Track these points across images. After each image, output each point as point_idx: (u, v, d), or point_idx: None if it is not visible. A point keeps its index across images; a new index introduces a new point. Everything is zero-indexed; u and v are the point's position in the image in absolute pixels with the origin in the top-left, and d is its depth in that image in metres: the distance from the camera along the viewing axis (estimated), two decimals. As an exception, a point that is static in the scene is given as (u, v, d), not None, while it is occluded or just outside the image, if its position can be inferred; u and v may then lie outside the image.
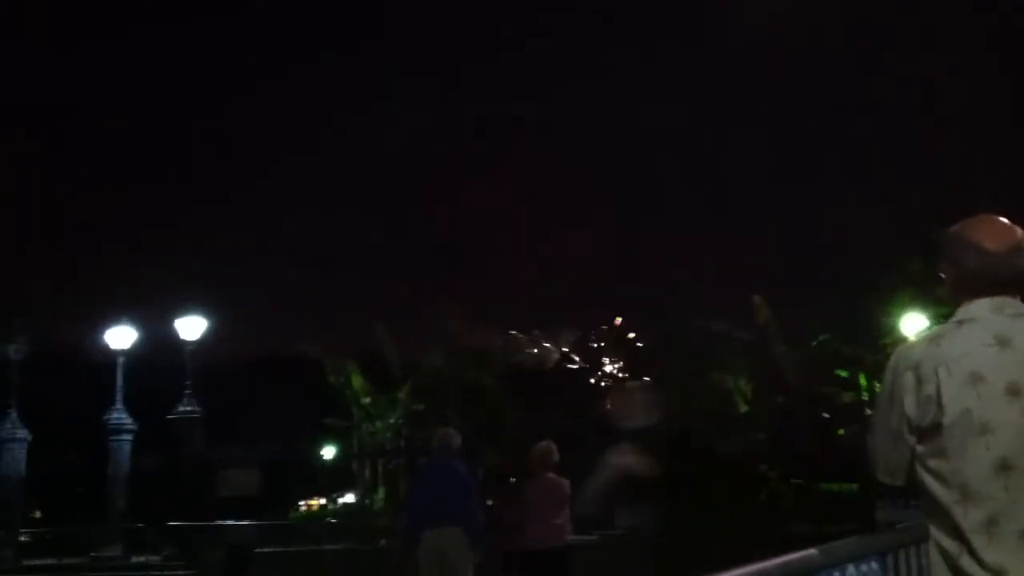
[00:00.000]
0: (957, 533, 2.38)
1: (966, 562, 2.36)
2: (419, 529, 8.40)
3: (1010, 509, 2.34)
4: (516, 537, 8.61)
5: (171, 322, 25.44)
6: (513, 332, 29.00)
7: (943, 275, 2.64)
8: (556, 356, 31.83)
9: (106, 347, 24.90)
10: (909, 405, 2.46)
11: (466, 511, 8.30)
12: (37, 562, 22.73)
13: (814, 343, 26.69)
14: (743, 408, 27.07)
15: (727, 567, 2.14)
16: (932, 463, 2.45)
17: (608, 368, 43.29)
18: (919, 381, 2.45)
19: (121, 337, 24.87)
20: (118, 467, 24.34)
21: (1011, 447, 2.36)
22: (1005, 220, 2.60)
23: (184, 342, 25.13)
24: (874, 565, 2.12)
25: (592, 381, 27.59)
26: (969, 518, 2.36)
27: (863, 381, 25.57)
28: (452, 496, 8.33)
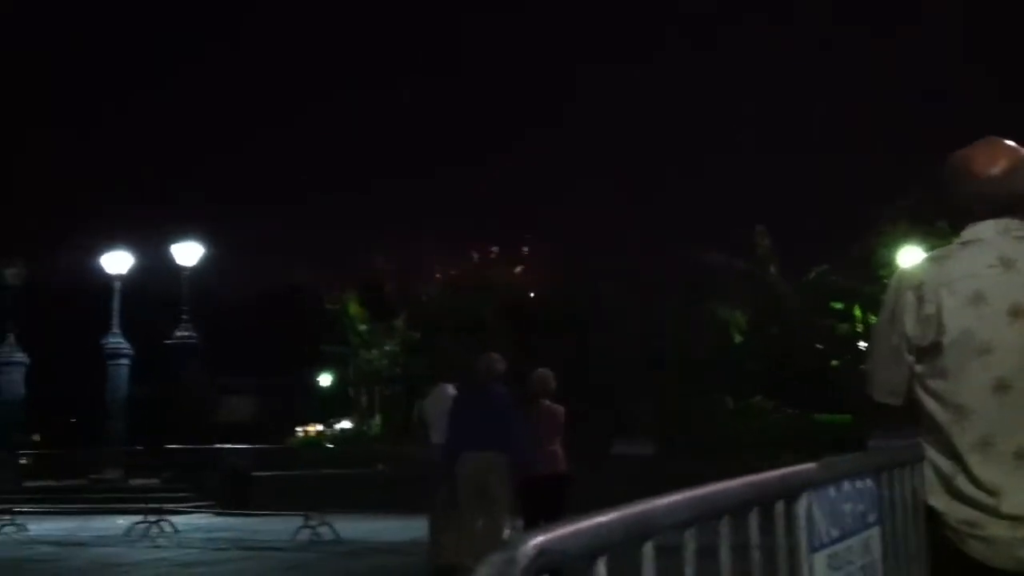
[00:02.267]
0: (952, 452, 2.39)
1: (961, 481, 2.37)
2: (458, 452, 8.46)
3: (1006, 428, 2.35)
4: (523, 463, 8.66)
5: (168, 249, 25.43)
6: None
7: (946, 195, 2.62)
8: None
9: (103, 272, 24.93)
10: (910, 324, 2.46)
11: (509, 436, 8.34)
12: (37, 483, 23.01)
13: (811, 275, 26.74)
14: (738, 339, 27.20)
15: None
16: (931, 382, 2.45)
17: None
18: (921, 300, 2.44)
19: (118, 262, 24.89)
20: (116, 391, 24.53)
21: (1010, 368, 2.36)
22: (1006, 142, 2.57)
23: (181, 268, 25.15)
24: (869, 482, 2.13)
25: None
26: (965, 437, 2.38)
27: (858, 313, 25.67)
28: (495, 421, 8.38)
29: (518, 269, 28.43)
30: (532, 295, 28.01)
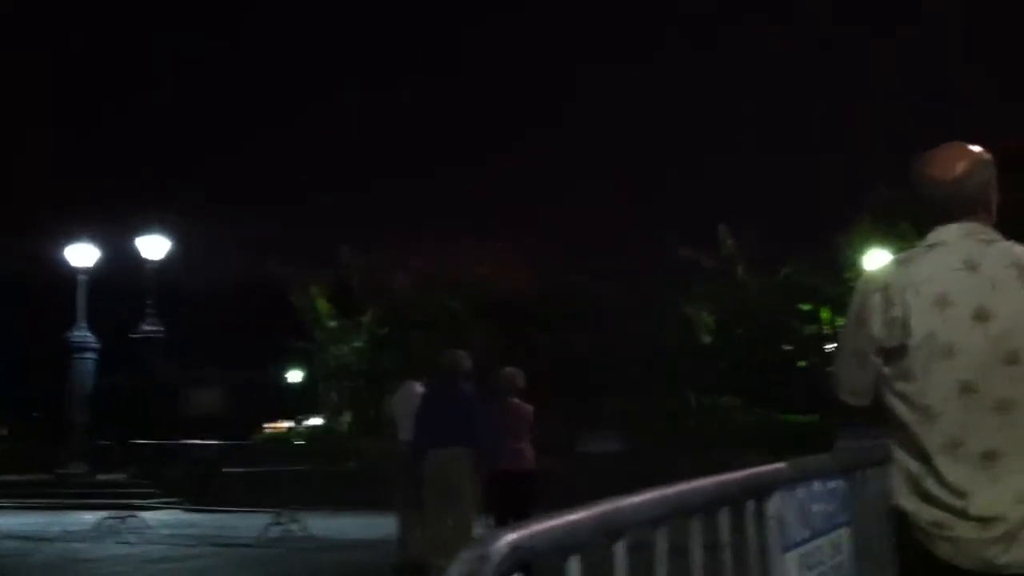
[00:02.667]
0: (920, 454, 2.42)
1: (929, 482, 2.40)
2: (426, 448, 8.48)
3: (972, 430, 2.38)
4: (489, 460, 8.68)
5: (133, 241, 25.20)
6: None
7: (917, 199, 2.65)
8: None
9: (67, 264, 24.65)
10: (876, 326, 2.49)
11: (474, 433, 8.36)
12: (2, 478, 22.73)
13: (779, 275, 26.90)
14: (706, 339, 27.31)
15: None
16: (897, 385, 2.48)
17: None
18: (887, 303, 2.47)
19: (83, 255, 24.62)
20: (81, 385, 24.29)
21: (974, 370, 2.39)
22: (966, 146, 2.60)
23: (146, 261, 24.93)
24: (839, 482, 2.16)
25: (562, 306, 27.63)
26: (932, 439, 2.41)
27: (825, 314, 25.85)
28: (461, 418, 8.39)
29: (487, 264, 28.38)
30: (503, 290, 27.95)
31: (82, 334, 24.26)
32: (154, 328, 24.90)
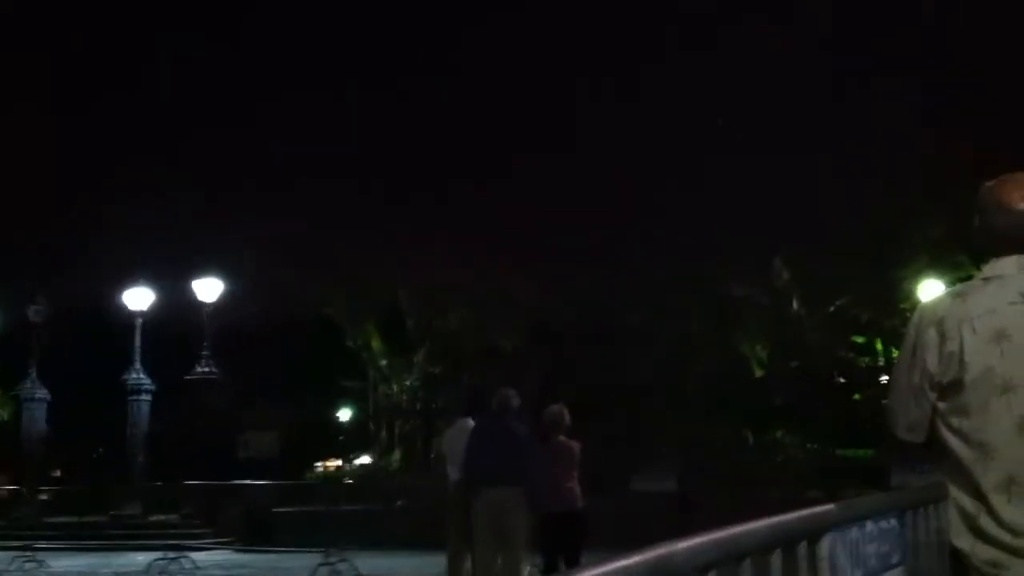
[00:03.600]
0: (976, 491, 2.36)
1: (985, 520, 2.34)
2: (476, 487, 8.43)
3: None
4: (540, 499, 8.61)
5: (188, 284, 25.59)
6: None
7: (974, 227, 2.60)
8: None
9: (124, 308, 25.09)
10: (931, 361, 2.43)
11: (525, 471, 8.30)
12: (58, 519, 23.03)
13: (832, 308, 26.59)
14: (759, 372, 27.04)
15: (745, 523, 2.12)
16: (953, 420, 2.42)
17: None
18: (943, 337, 2.42)
19: (139, 298, 25.06)
20: (136, 426, 24.61)
21: None
22: None
23: (201, 303, 25.29)
24: (893, 521, 2.10)
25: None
26: (989, 476, 2.34)
27: (879, 346, 25.50)
28: (511, 456, 8.34)
29: (536, 299, 28.37)
30: (554, 327, 27.91)
31: (137, 376, 24.63)
32: (208, 370, 25.20)
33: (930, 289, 21.60)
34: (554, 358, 25.67)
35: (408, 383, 28.91)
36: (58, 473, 30.13)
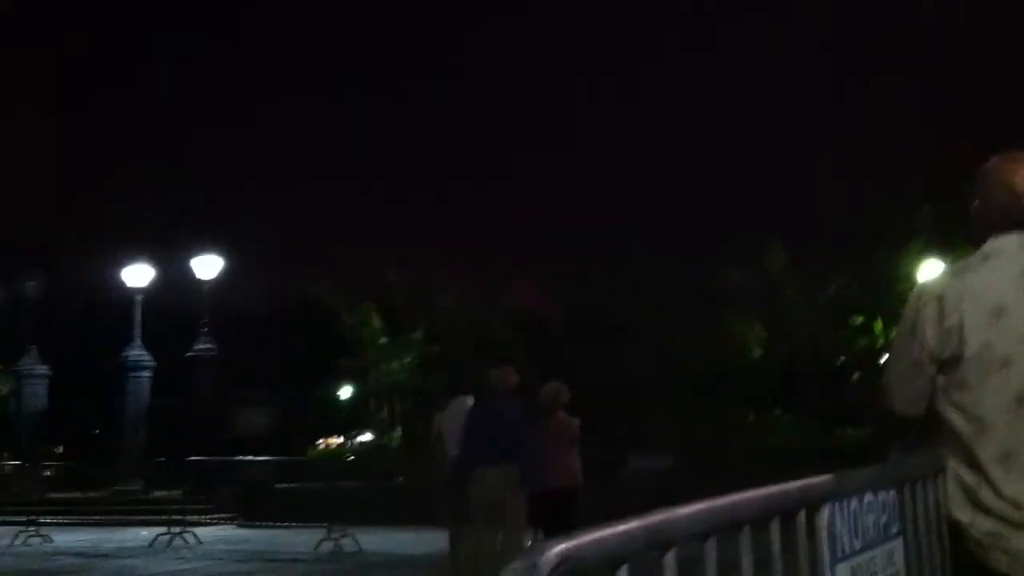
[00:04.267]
0: (975, 464, 2.39)
1: (984, 493, 2.37)
2: (472, 465, 8.47)
3: None
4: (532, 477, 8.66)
5: (188, 262, 25.57)
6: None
7: (973, 205, 2.61)
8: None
9: (124, 285, 25.08)
10: (931, 336, 2.46)
11: (519, 450, 8.34)
12: (61, 495, 23.12)
13: (829, 289, 26.60)
14: (757, 352, 27.07)
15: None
16: (952, 395, 2.45)
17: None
18: (942, 313, 2.44)
19: (139, 275, 25.03)
20: (137, 403, 24.66)
21: None
22: None
23: (200, 281, 25.28)
24: (891, 493, 2.13)
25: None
26: (987, 450, 2.37)
27: (878, 327, 25.51)
28: (506, 435, 8.37)
29: (529, 287, 28.46)
30: (548, 309, 27.98)
31: (138, 353, 24.65)
32: (207, 347, 25.21)
33: (930, 269, 21.61)
34: (550, 351, 25.71)
35: (407, 361, 28.95)
36: (60, 450, 30.22)
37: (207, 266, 25.40)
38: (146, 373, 24.81)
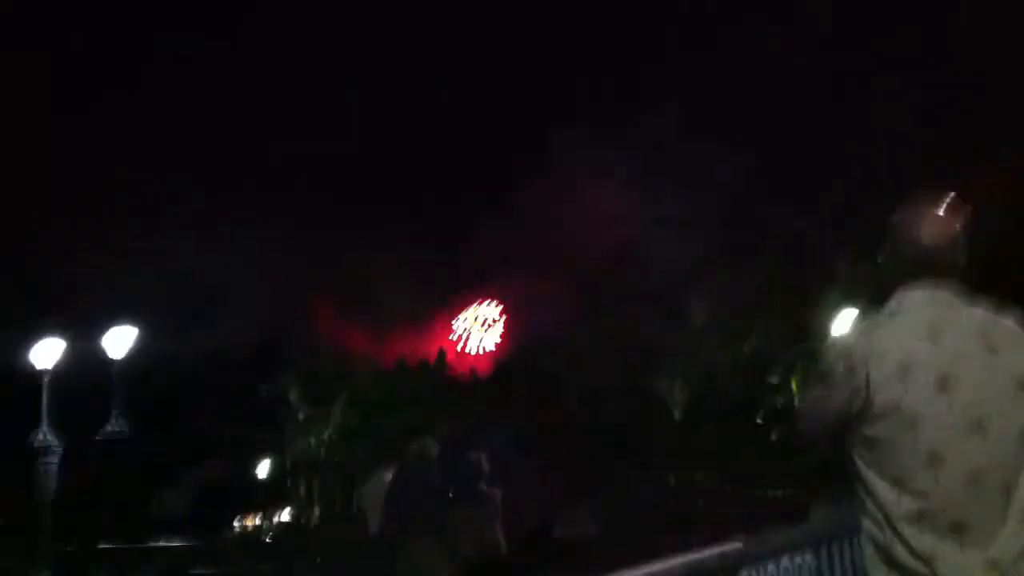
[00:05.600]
0: (888, 522, 2.36)
1: (898, 551, 2.34)
2: (395, 539, 8.25)
3: (940, 502, 2.32)
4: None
5: (99, 336, 24.83)
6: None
7: (881, 258, 2.60)
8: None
9: (31, 364, 24.21)
10: (842, 395, 2.44)
11: (446, 521, 8.16)
12: (-39, 588, 22.03)
13: (745, 348, 26.97)
14: (677, 415, 27.24)
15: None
16: (864, 453, 2.43)
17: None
18: (850, 371, 2.42)
19: (47, 355, 24.19)
20: (44, 491, 23.67)
21: (940, 440, 2.33)
22: (947, 207, 2.52)
23: (111, 361, 24.54)
24: (808, 557, 2.11)
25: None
26: (901, 507, 2.35)
27: (794, 386, 25.90)
28: (430, 507, 8.19)
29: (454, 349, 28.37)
30: (468, 374, 27.87)
31: (45, 437, 23.74)
32: (118, 429, 24.42)
33: (845, 321, 21.97)
34: (467, 406, 25.54)
35: (324, 436, 28.50)
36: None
37: (118, 342, 24.68)
38: (54, 459, 23.87)
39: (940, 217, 2.52)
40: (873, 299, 2.66)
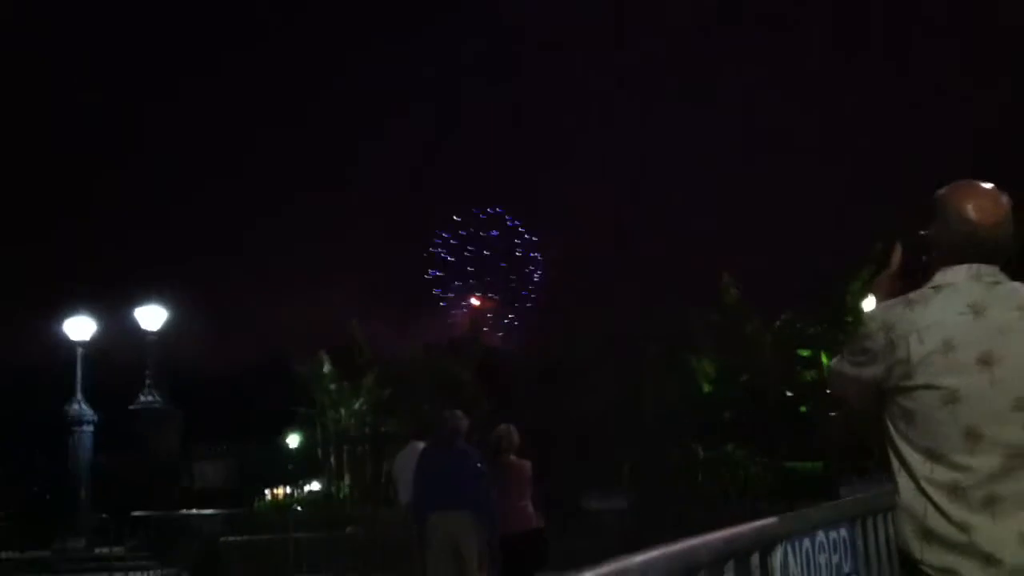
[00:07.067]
0: (924, 494, 2.38)
1: (932, 519, 2.36)
2: (425, 512, 8.29)
3: (975, 477, 2.34)
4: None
5: (132, 313, 25.12)
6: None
7: (926, 235, 2.60)
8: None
9: (66, 338, 24.56)
10: (880, 366, 2.46)
11: (477, 496, 8.18)
12: (1, 555, 22.43)
13: (778, 323, 26.89)
14: (707, 388, 27.23)
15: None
16: (900, 425, 2.45)
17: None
18: (891, 344, 2.44)
19: (80, 328, 24.53)
20: (79, 458, 24.07)
21: (979, 416, 2.35)
22: (993, 189, 2.55)
23: (145, 332, 24.84)
24: (843, 531, 2.11)
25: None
26: (935, 479, 2.37)
27: (825, 360, 25.80)
28: (462, 480, 8.22)
29: (487, 328, 28.56)
30: (506, 351, 28.03)
31: (79, 408, 24.10)
32: (152, 399, 24.75)
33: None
34: (502, 383, 25.65)
35: (356, 407, 28.71)
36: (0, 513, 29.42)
37: (151, 317, 24.98)
38: (88, 428, 24.25)
39: (991, 196, 2.54)
40: (907, 274, 2.65)
